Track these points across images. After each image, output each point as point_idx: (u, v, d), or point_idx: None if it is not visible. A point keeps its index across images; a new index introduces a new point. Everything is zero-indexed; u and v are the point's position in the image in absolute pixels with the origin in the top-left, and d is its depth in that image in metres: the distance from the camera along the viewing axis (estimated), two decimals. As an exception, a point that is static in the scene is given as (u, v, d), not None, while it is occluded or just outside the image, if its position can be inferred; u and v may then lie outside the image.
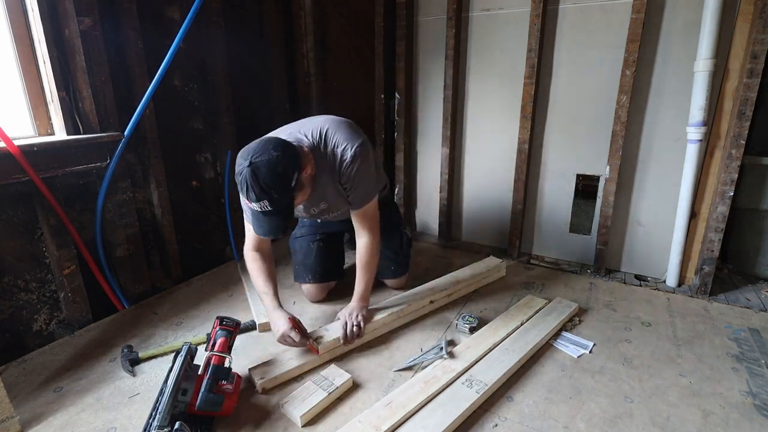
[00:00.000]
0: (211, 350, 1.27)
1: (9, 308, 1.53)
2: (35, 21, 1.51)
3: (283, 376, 1.39)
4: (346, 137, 1.48)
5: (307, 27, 2.48)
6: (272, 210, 1.29)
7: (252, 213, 1.37)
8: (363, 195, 1.53)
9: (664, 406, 1.29)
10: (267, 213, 1.30)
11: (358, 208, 1.55)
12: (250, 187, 1.24)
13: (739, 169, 1.79)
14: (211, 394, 1.17)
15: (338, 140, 1.47)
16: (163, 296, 1.96)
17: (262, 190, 1.24)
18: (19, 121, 1.57)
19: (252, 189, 1.24)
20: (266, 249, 1.62)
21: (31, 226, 1.56)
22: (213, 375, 1.19)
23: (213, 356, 1.24)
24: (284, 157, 1.29)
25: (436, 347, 1.52)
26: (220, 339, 1.31)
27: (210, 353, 1.26)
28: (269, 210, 1.28)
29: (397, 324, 1.71)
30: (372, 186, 1.56)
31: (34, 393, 1.34)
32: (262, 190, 1.24)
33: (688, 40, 1.82)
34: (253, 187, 1.24)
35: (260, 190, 1.24)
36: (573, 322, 1.74)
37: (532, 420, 1.24)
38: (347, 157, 1.46)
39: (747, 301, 1.92)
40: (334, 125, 1.51)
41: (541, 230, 2.42)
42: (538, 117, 2.26)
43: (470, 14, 2.31)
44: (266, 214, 1.30)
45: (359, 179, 1.50)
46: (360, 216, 1.57)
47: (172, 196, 2.04)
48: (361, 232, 1.60)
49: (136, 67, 1.79)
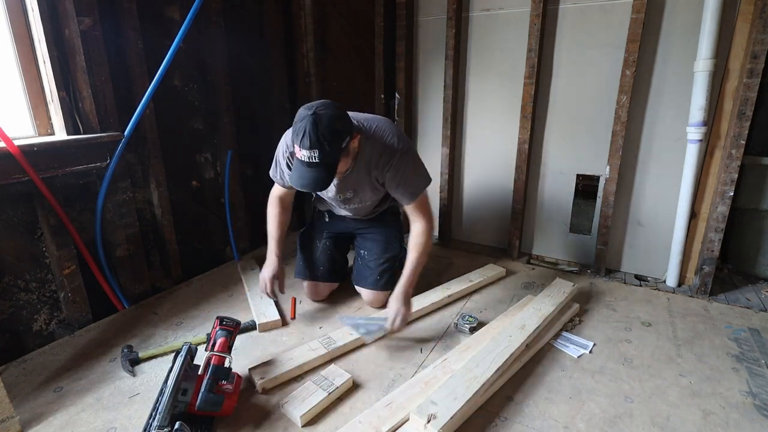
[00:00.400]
0: (211, 350, 1.27)
1: (9, 308, 1.53)
2: (35, 21, 1.51)
3: (283, 376, 1.39)
4: (395, 134, 1.57)
5: (307, 27, 2.48)
6: (319, 162, 1.35)
7: (296, 164, 1.41)
8: (409, 192, 1.60)
9: (664, 406, 1.29)
10: (313, 164, 1.36)
11: (409, 202, 1.62)
12: (307, 134, 1.31)
13: (739, 169, 1.79)
14: (211, 394, 1.17)
15: (390, 134, 1.56)
16: (163, 296, 1.96)
17: (318, 140, 1.31)
18: (19, 121, 1.57)
19: (309, 135, 1.31)
20: (288, 202, 1.80)
21: (31, 226, 1.56)
22: (213, 375, 1.19)
23: (213, 356, 1.25)
24: (344, 118, 1.40)
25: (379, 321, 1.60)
26: (220, 339, 1.31)
27: (210, 353, 1.26)
28: (316, 162, 1.34)
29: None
30: (417, 184, 1.62)
31: (34, 393, 1.34)
32: (318, 139, 1.31)
33: (688, 40, 1.82)
34: (311, 134, 1.31)
35: (316, 139, 1.31)
36: (573, 322, 1.74)
37: (532, 420, 1.24)
38: (395, 150, 1.55)
39: (747, 301, 1.92)
40: (386, 122, 1.60)
41: (541, 230, 2.42)
42: (538, 117, 2.26)
43: (470, 14, 2.31)
44: (311, 165, 1.36)
45: (406, 174, 1.58)
46: (412, 207, 1.63)
47: (172, 196, 2.04)
48: (415, 219, 1.65)
49: (136, 67, 1.79)
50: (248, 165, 2.44)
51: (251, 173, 2.47)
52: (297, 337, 1.65)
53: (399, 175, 1.57)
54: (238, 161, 2.32)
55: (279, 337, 1.65)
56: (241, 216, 2.40)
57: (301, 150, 1.34)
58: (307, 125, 1.31)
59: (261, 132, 2.50)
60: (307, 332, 1.67)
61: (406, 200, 1.61)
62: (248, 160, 2.42)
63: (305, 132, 1.31)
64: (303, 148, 1.33)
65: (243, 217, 2.41)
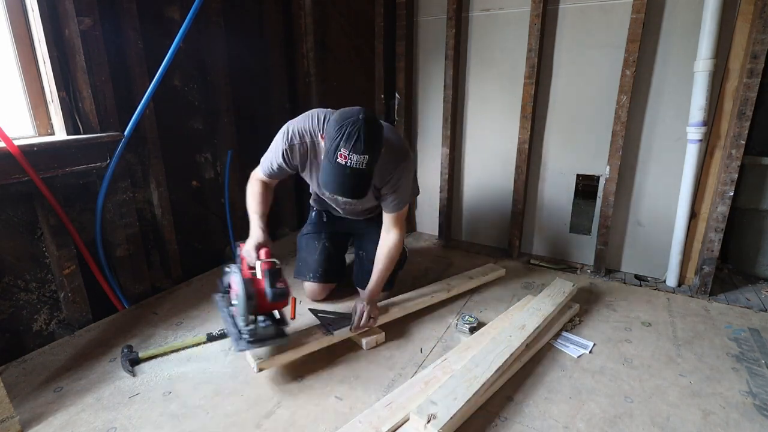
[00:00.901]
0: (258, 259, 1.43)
1: (9, 308, 1.53)
2: (35, 21, 1.51)
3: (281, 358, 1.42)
4: (401, 141, 1.57)
5: (307, 27, 2.48)
6: (365, 168, 1.29)
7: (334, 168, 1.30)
8: (399, 202, 1.60)
9: (664, 406, 1.29)
10: (357, 171, 1.29)
11: (393, 212, 1.62)
12: (361, 139, 1.25)
13: (739, 169, 1.79)
14: (275, 288, 1.36)
15: (396, 140, 1.55)
16: (163, 296, 1.96)
17: (372, 146, 1.28)
18: (19, 121, 1.57)
19: (363, 141, 1.25)
20: (272, 184, 1.71)
21: (31, 226, 1.56)
22: (270, 276, 1.38)
23: (263, 263, 1.41)
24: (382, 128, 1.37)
25: None
26: (263, 249, 1.45)
27: (260, 261, 1.42)
28: (362, 168, 1.28)
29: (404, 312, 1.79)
30: (408, 195, 1.64)
31: (34, 393, 1.34)
32: (371, 146, 1.28)
33: (688, 40, 1.82)
34: (366, 140, 1.25)
35: (370, 146, 1.27)
36: (573, 322, 1.74)
37: (532, 420, 1.24)
38: (402, 158, 1.53)
39: (747, 301, 1.92)
40: (391, 128, 1.56)
41: (542, 230, 2.42)
42: (538, 117, 2.26)
43: (470, 14, 2.31)
44: (356, 171, 1.29)
45: (404, 184, 1.57)
46: (392, 217, 1.64)
47: (172, 196, 2.04)
48: (390, 229, 1.66)
49: (136, 67, 1.79)
50: (248, 165, 2.43)
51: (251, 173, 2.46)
52: (297, 337, 1.65)
53: (397, 184, 1.56)
54: (238, 161, 2.32)
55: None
56: (241, 216, 2.40)
57: (350, 154, 1.26)
58: (361, 129, 1.25)
59: (261, 132, 2.50)
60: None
61: (393, 209, 1.61)
62: (248, 160, 2.41)
63: (359, 136, 1.25)
64: (355, 152, 1.26)
65: (243, 217, 2.40)
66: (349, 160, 1.27)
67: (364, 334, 1.59)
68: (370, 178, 1.35)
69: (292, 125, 1.56)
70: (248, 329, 1.32)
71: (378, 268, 1.66)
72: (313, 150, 1.56)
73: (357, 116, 1.27)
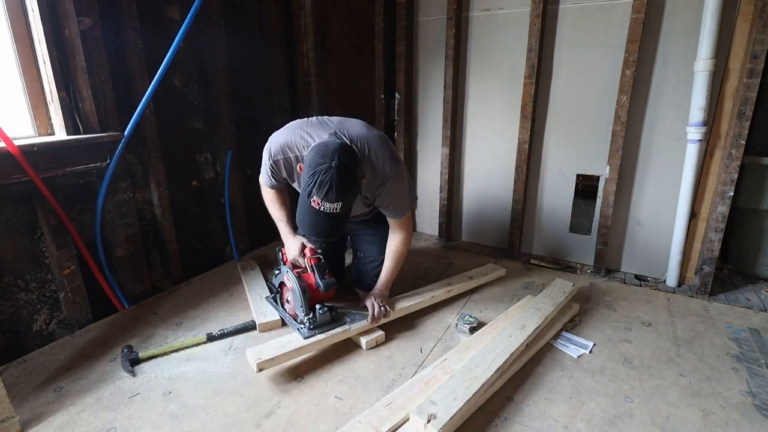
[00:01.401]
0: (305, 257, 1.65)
1: (9, 308, 1.53)
2: (35, 21, 1.51)
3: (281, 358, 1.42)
4: (388, 157, 1.52)
5: (307, 27, 2.48)
6: (341, 213, 1.32)
7: (311, 212, 1.33)
8: (397, 211, 1.63)
9: (664, 406, 1.29)
10: (334, 216, 1.31)
11: (394, 219, 1.66)
12: (333, 187, 1.26)
13: (739, 169, 1.79)
14: (325, 279, 1.57)
15: (382, 158, 1.51)
16: (163, 296, 1.96)
17: (344, 193, 1.28)
18: (19, 121, 1.57)
19: (335, 190, 1.26)
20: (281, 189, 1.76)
21: (31, 226, 1.56)
22: (318, 269, 1.59)
23: (309, 258, 1.62)
24: (360, 164, 1.36)
25: None
26: (307, 246, 1.66)
27: (308, 257, 1.63)
28: (338, 213, 1.31)
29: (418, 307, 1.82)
30: (405, 203, 1.65)
31: (34, 393, 1.34)
32: (343, 192, 1.28)
33: (688, 40, 1.82)
34: (338, 188, 1.26)
35: (342, 193, 1.27)
36: (573, 322, 1.74)
37: (532, 420, 1.24)
38: (388, 176, 1.52)
39: (747, 301, 1.92)
40: (377, 141, 1.52)
41: (541, 230, 2.42)
42: (538, 117, 2.26)
43: (470, 14, 2.31)
44: (332, 217, 1.31)
45: (396, 196, 1.59)
46: (395, 223, 1.68)
47: (172, 196, 2.04)
48: (396, 231, 1.70)
49: (136, 67, 1.79)
50: (248, 165, 2.44)
51: (251, 173, 2.46)
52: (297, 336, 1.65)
53: (390, 197, 1.58)
54: (238, 161, 2.32)
55: (279, 336, 1.65)
56: (241, 216, 2.40)
57: (323, 202, 1.28)
58: (332, 178, 1.25)
59: (261, 132, 2.48)
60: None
61: (393, 216, 1.65)
62: (248, 160, 2.42)
63: (331, 185, 1.25)
64: (327, 201, 1.27)
65: (243, 217, 2.41)
66: (322, 207, 1.29)
67: (364, 333, 1.60)
68: (346, 218, 1.37)
69: (274, 141, 1.57)
70: (308, 318, 1.50)
71: (386, 264, 1.72)
72: (297, 163, 1.54)
73: (329, 163, 1.27)
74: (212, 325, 1.72)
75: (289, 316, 1.64)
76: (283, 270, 1.65)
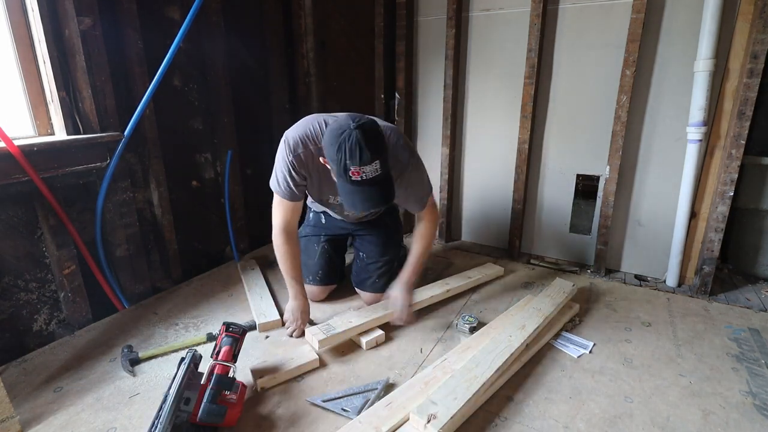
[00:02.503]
0: (216, 359, 1.25)
1: (9, 308, 1.53)
2: (35, 21, 1.51)
3: (282, 376, 1.39)
4: (404, 145, 1.50)
5: (307, 27, 2.48)
6: (382, 173, 1.23)
7: (354, 187, 1.25)
8: (419, 200, 1.62)
9: (664, 406, 1.29)
10: (377, 179, 1.22)
11: (418, 210, 1.65)
12: (364, 149, 1.17)
13: (739, 169, 1.79)
14: (214, 405, 1.13)
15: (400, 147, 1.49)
16: (163, 296, 1.96)
17: (376, 149, 1.19)
18: (19, 121, 1.57)
19: (366, 149, 1.18)
20: (294, 232, 1.63)
21: (31, 226, 1.56)
22: (216, 385, 1.17)
23: (217, 365, 1.23)
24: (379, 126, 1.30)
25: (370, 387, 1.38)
26: (224, 347, 1.28)
27: (214, 362, 1.24)
28: (380, 173, 1.22)
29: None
30: (425, 189, 1.62)
31: (34, 393, 1.34)
32: (376, 148, 1.19)
33: (688, 40, 1.82)
34: (367, 147, 1.18)
35: (374, 149, 1.19)
36: (573, 322, 1.74)
37: (532, 420, 1.24)
38: (406, 165, 1.49)
39: (747, 301, 1.92)
40: (392, 130, 1.50)
41: (541, 230, 2.42)
42: (538, 117, 2.26)
43: (470, 14, 2.31)
44: (376, 180, 1.23)
45: (415, 186, 1.57)
46: (420, 213, 1.67)
47: (172, 196, 2.04)
48: (421, 219, 1.68)
49: (136, 67, 1.79)
50: (248, 165, 2.44)
51: (251, 173, 2.47)
52: (297, 337, 1.65)
53: (410, 188, 1.56)
54: (238, 161, 2.32)
55: (279, 337, 1.65)
56: (241, 216, 2.40)
57: (361, 168, 1.19)
58: (358, 139, 1.18)
59: (261, 132, 2.50)
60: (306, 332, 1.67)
61: (417, 209, 1.65)
62: (248, 160, 2.42)
63: (360, 147, 1.18)
64: (363, 164, 1.19)
65: (243, 217, 2.41)
66: (363, 173, 1.21)
67: (364, 333, 1.60)
68: (390, 179, 1.30)
69: (291, 135, 1.49)
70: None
71: (413, 252, 1.68)
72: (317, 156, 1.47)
73: (348, 128, 1.21)
74: (212, 325, 1.72)
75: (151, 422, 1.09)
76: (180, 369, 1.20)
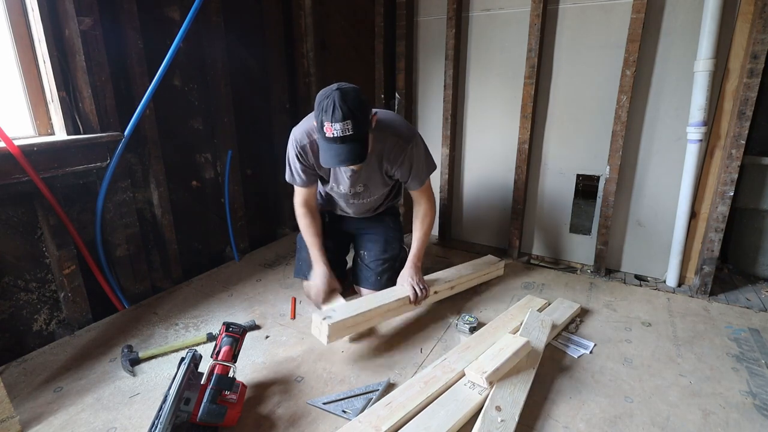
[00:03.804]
0: (216, 359, 1.25)
1: (9, 308, 1.53)
2: (35, 21, 1.51)
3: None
4: (405, 125, 1.65)
5: (307, 27, 2.48)
6: (353, 134, 1.34)
7: (326, 145, 1.39)
8: (418, 178, 1.69)
9: (664, 406, 1.29)
10: (347, 138, 1.35)
11: (417, 189, 1.72)
12: (337, 107, 1.31)
13: (739, 169, 1.79)
14: (214, 405, 1.13)
15: (400, 125, 1.63)
16: (163, 296, 1.96)
17: (350, 110, 1.32)
18: (19, 121, 1.57)
19: (339, 108, 1.31)
20: (313, 204, 1.79)
21: (31, 226, 1.56)
22: (216, 385, 1.17)
23: (217, 365, 1.22)
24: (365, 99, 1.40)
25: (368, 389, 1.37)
26: (224, 347, 1.27)
27: (214, 362, 1.23)
28: (350, 133, 1.34)
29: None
30: (425, 169, 1.72)
31: (34, 393, 1.34)
32: (349, 110, 1.31)
33: (688, 40, 1.82)
34: (341, 107, 1.31)
35: (348, 110, 1.31)
36: (573, 322, 1.74)
37: (532, 420, 1.24)
38: (409, 141, 1.60)
39: (747, 301, 1.92)
40: (393, 113, 1.68)
41: (542, 230, 2.42)
42: (538, 117, 2.26)
43: (470, 14, 2.31)
44: (346, 139, 1.35)
45: (418, 162, 1.65)
46: (420, 191, 1.74)
47: (172, 196, 2.04)
48: (420, 201, 1.77)
49: (136, 67, 1.79)
50: (248, 165, 2.44)
51: (251, 173, 2.47)
52: (297, 337, 1.65)
53: (413, 165, 1.64)
54: (238, 161, 2.32)
55: (279, 337, 1.65)
56: (241, 216, 2.40)
57: (332, 125, 1.32)
58: (335, 99, 1.31)
59: (261, 132, 2.50)
60: (306, 332, 1.67)
61: (417, 186, 1.71)
62: (248, 160, 2.42)
63: (335, 105, 1.31)
64: (335, 121, 1.31)
65: (243, 217, 2.41)
66: (334, 130, 1.33)
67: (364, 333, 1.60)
68: (364, 140, 1.40)
69: (297, 130, 1.63)
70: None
71: (416, 235, 1.78)
72: None
73: (331, 89, 1.34)
74: (212, 325, 1.72)
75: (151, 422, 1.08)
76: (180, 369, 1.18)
